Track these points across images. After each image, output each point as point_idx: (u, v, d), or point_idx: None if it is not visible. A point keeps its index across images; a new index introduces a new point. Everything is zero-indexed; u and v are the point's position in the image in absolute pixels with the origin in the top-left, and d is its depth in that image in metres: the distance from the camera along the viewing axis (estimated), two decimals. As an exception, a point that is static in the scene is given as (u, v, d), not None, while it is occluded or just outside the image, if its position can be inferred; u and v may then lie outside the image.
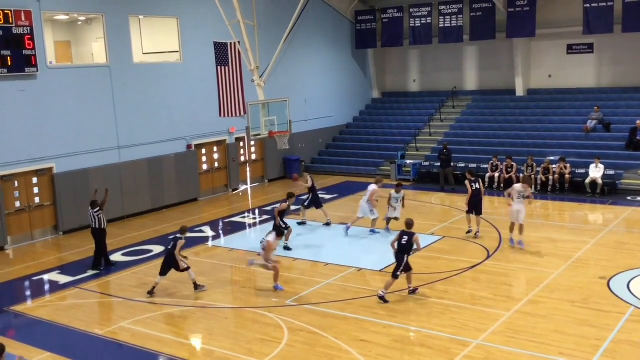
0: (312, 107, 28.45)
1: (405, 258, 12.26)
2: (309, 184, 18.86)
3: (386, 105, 32.22)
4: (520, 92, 28.47)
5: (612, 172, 21.93)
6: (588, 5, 25.04)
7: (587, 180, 21.72)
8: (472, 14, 27.87)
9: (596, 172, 21.72)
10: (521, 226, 15.36)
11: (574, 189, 21.95)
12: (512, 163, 23.09)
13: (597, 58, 27.03)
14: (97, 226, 15.50)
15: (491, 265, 14.25)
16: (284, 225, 16.12)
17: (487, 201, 21.41)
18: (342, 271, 14.28)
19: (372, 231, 17.56)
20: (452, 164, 23.97)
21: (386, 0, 30.46)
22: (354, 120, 31.71)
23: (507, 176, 23.03)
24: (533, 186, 22.46)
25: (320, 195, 23.20)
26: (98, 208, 15.51)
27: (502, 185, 23.05)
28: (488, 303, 11.90)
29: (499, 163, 23.41)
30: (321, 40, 29.35)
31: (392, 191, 17.42)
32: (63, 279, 14.84)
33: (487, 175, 23.35)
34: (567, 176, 22.10)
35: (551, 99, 27.64)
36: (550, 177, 22.28)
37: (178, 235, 13.67)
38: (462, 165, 24.82)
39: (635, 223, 17.80)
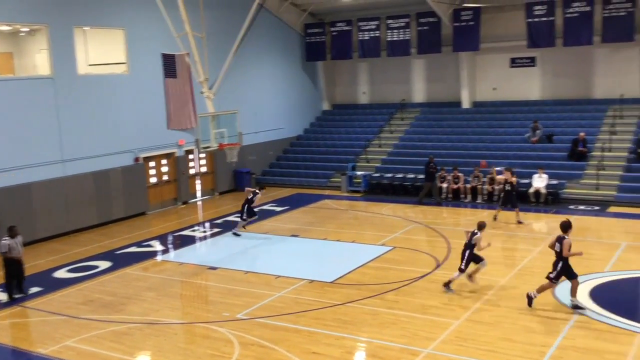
0: (262, 119, 28.40)
1: (561, 264, 11.87)
2: (250, 196, 18.93)
3: (336, 117, 32.44)
4: (466, 104, 29.12)
5: (555, 182, 22.59)
6: (530, 20, 25.88)
7: (531, 190, 22.31)
8: (418, 28, 28.43)
9: (540, 182, 22.33)
10: None
11: (519, 199, 22.47)
12: (459, 174, 23.53)
13: (539, 71, 27.89)
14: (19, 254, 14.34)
15: (441, 274, 14.43)
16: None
17: (435, 211, 21.81)
18: (294, 283, 14.23)
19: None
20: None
21: (335, 14, 30.78)
22: (305, 132, 31.81)
23: (454, 187, 23.45)
24: (479, 196, 22.99)
25: (271, 208, 23.25)
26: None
27: (450, 195, 23.47)
28: (438, 312, 12.05)
29: (447, 174, 23.83)
30: (271, 53, 29.39)
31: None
32: (3, 296, 14.29)
33: (438, 185, 23.70)
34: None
35: (496, 111, 28.35)
36: (496, 187, 22.77)
37: None
38: (412, 176, 25.16)
39: (578, 231, 18.30)
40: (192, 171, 25.50)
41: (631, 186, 21.68)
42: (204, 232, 20.29)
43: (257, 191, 19.51)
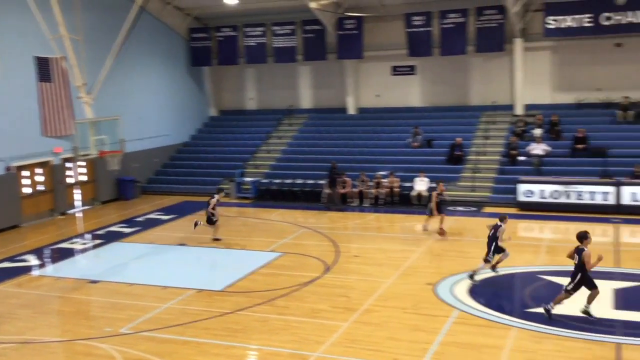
0: (147, 126, 27.52)
1: (579, 275, 11.48)
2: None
3: (224, 123, 32.10)
4: (351, 110, 29.80)
5: (435, 185, 23.56)
6: (410, 30, 26.95)
7: (413, 193, 23.19)
8: (304, 36, 28.79)
9: (421, 185, 23.26)
10: None
11: (403, 202, 23.33)
12: (346, 178, 24.01)
13: (419, 79, 29.07)
14: None
15: (329, 278, 14.63)
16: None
17: (325, 216, 22.11)
18: (182, 293, 13.88)
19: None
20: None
21: (220, 19, 30.48)
22: (192, 138, 31.21)
23: (342, 191, 23.89)
24: (366, 200, 23.58)
25: (157, 217, 22.57)
26: None
27: (338, 200, 23.88)
28: (327, 315, 12.19)
29: (347, 179, 24.19)
30: (155, 57, 28.60)
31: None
32: None
33: (325, 190, 24.06)
34: (396, 189, 23.45)
35: (379, 117, 29.21)
36: (381, 191, 23.48)
37: None
38: (300, 181, 25.37)
39: (457, 231, 19.27)
40: (70, 180, 24.22)
41: (504, 187, 23.06)
42: (84, 244, 19.32)
43: (214, 195, 19.12)
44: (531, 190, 21.75)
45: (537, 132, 25.00)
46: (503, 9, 25.53)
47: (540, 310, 11.85)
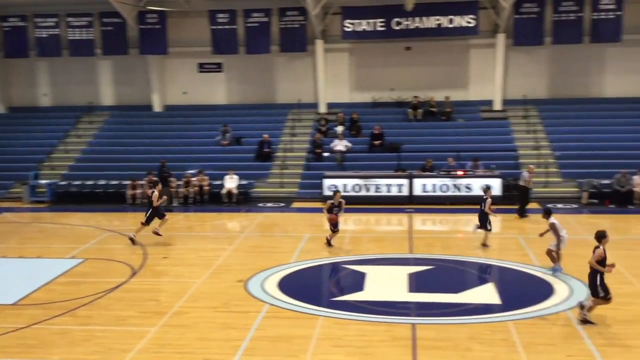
0: None
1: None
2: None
3: (13, 121, 29.37)
4: (157, 107, 28.93)
5: (245, 182, 23.80)
6: (215, 28, 26.83)
7: (224, 191, 23.15)
8: (102, 28, 27.37)
9: (231, 182, 23.30)
10: None
11: (213, 200, 23.18)
12: (153, 178, 23.21)
13: (226, 77, 29.08)
14: None
15: (137, 282, 14.04)
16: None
17: (130, 217, 21.17)
18: (-35, 311, 12.39)
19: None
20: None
21: (6, 7, 27.78)
22: (-25, 138, 28.13)
23: (149, 192, 23.04)
24: (175, 199, 23.03)
25: None
26: None
27: (144, 201, 23.05)
28: (134, 321, 11.67)
29: (191, 177, 23.40)
30: None
31: None
32: None
33: (129, 192, 23.08)
34: (205, 188, 23.23)
35: (187, 115, 28.74)
36: (191, 190, 23.10)
37: None
38: (103, 182, 24.07)
39: (267, 227, 19.60)
40: None
41: (310, 183, 23.95)
42: None
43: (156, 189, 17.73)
44: (335, 185, 22.79)
45: (339, 129, 26.31)
46: (304, 11, 26.45)
47: (345, 298, 12.48)
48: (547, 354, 9.78)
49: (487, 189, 16.58)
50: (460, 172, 22.56)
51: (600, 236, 10.90)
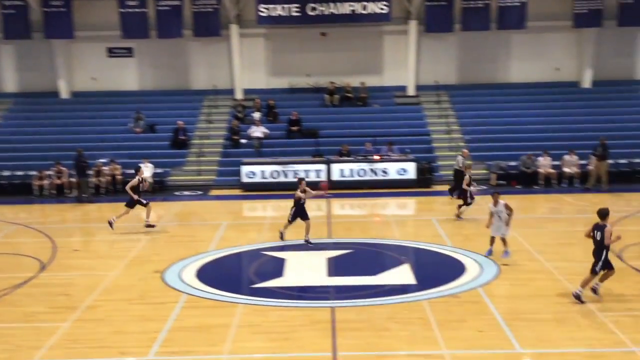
0: None
1: (604, 253, 10.94)
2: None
3: None
4: (64, 94, 27.73)
5: (160, 171, 23.24)
6: (124, 11, 25.91)
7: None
8: (3, 11, 25.89)
9: (146, 171, 22.63)
10: None
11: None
12: (62, 168, 22.30)
13: (138, 62, 28.18)
14: None
15: (46, 277, 13.46)
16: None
17: (37, 209, 20.26)
18: None
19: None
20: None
21: None
22: None
23: (58, 182, 22.16)
24: (90, 189, 22.18)
25: None
26: None
27: (53, 192, 22.12)
28: (44, 317, 11.19)
29: (104, 167, 22.52)
30: None
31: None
32: None
33: (35, 183, 22.07)
34: (118, 177, 22.51)
35: (97, 102, 27.68)
36: (102, 179, 22.34)
37: None
38: (7, 173, 22.90)
39: (184, 216, 19.26)
40: None
41: (228, 170, 23.69)
42: None
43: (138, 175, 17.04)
44: (253, 172, 22.69)
45: (257, 115, 26.13)
46: (218, -6, 25.98)
47: (265, 285, 12.48)
48: (460, 330, 10.15)
49: (467, 166, 18.23)
50: (376, 157, 22.95)
51: (605, 214, 11.09)
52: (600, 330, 10.01)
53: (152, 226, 16.87)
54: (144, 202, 16.91)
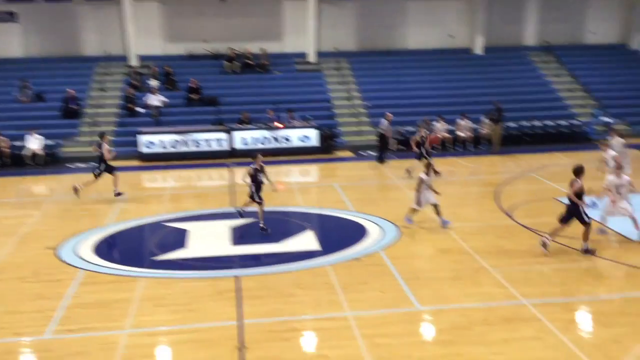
0: None
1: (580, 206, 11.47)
2: None
3: None
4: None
5: (51, 142, 22.05)
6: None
7: (27, 152, 21.29)
8: None
9: (35, 143, 21.46)
10: None
11: (15, 163, 21.23)
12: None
13: (22, 27, 26.40)
14: None
15: None
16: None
17: None
18: None
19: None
20: None
21: None
22: None
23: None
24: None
25: None
26: None
27: None
28: None
29: None
30: None
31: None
32: None
33: None
34: (5, 150, 21.17)
35: (-23, 70, 25.75)
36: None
37: None
38: None
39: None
40: None
41: (124, 140, 22.80)
42: None
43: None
44: (152, 141, 22.00)
45: (153, 83, 25.24)
46: (108, -45, 24.66)
47: (167, 257, 12.23)
48: (363, 292, 10.42)
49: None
50: (279, 124, 22.86)
51: (579, 171, 11.57)
52: (493, 286, 10.58)
53: (120, 194, 16.50)
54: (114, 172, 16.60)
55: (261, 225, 13.70)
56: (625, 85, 27.14)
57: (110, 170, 16.55)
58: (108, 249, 13.06)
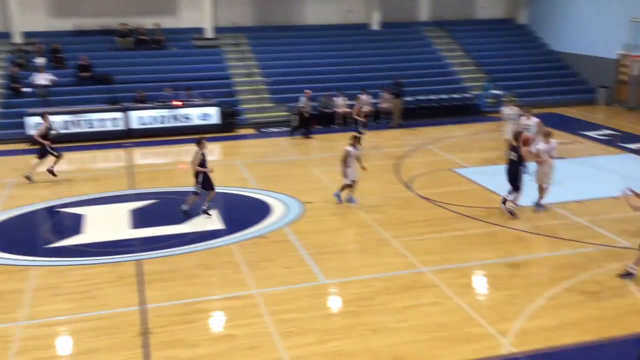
0: None
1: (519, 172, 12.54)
2: None
3: None
4: None
5: None
6: None
7: None
8: None
9: None
10: None
11: None
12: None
13: None
14: None
15: None
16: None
17: None
18: None
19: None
20: None
21: None
22: None
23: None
24: None
25: None
26: None
27: None
28: None
29: None
30: None
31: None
32: None
33: None
34: None
35: None
36: None
37: None
38: None
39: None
40: None
41: (11, 122, 21.42)
42: None
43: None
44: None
45: (40, 61, 23.79)
46: None
47: (63, 243, 11.68)
48: (268, 270, 10.43)
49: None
50: (177, 103, 22.23)
51: (518, 135, 12.80)
52: (395, 256, 10.91)
53: (54, 175, 16.22)
54: (56, 153, 16.18)
55: (204, 207, 13.28)
56: (512, 58, 28.45)
57: (52, 153, 16.37)
58: (-3, 238, 12.31)
